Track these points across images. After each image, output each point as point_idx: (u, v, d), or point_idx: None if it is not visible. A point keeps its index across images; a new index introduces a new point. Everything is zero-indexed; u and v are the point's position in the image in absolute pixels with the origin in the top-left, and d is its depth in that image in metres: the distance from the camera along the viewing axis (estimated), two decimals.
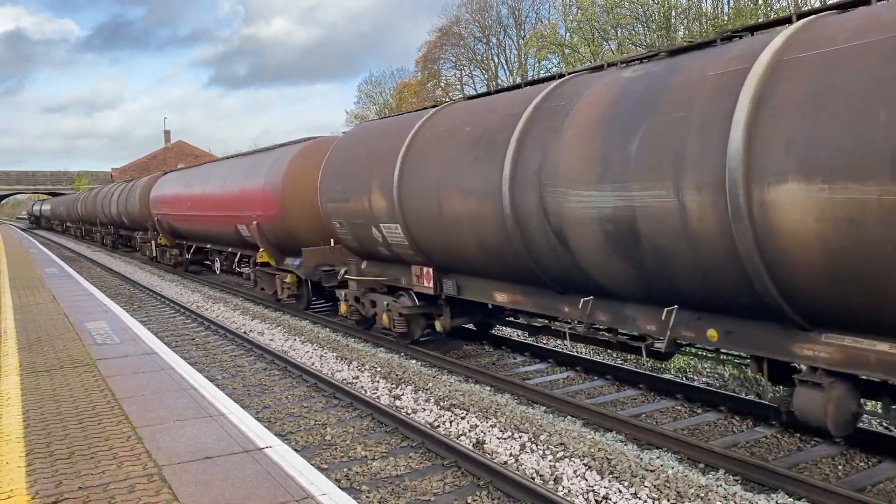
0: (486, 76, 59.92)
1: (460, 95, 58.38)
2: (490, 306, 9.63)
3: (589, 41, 36.82)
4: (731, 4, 34.37)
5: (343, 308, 12.48)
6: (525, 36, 53.38)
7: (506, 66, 58.79)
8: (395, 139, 10.32)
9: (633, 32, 36.67)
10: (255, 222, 15.53)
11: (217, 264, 21.28)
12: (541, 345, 11.27)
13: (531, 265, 7.86)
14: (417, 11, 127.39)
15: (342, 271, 12.44)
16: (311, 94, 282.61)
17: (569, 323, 7.95)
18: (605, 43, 37.07)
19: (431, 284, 10.07)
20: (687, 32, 33.56)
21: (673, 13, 35.08)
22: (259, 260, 15.96)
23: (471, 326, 11.91)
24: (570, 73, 8.42)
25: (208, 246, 21.55)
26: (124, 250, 36.83)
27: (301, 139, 16.28)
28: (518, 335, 12.51)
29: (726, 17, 32.91)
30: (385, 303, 11.09)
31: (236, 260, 18.64)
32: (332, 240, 13.43)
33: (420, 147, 9.72)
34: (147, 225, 27.28)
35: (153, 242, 27.05)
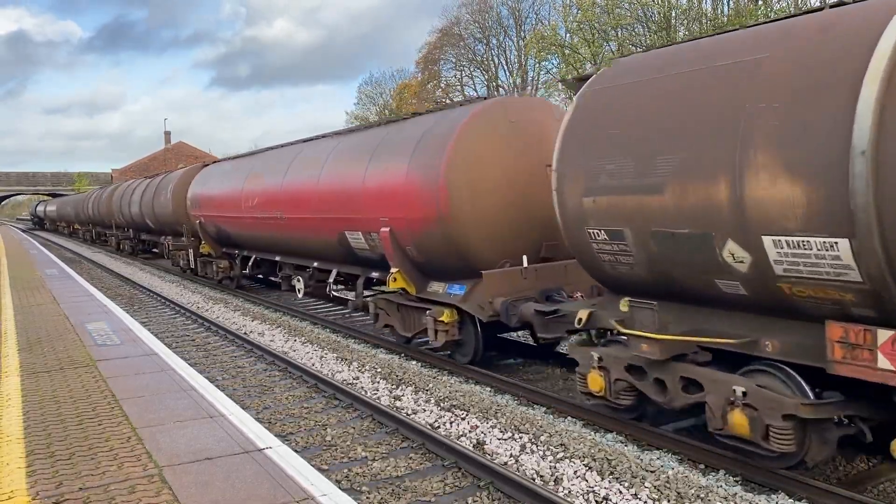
0: (487, 77, 59.97)
1: (460, 96, 58.39)
2: None
3: (589, 42, 36.83)
4: (731, 5, 34.39)
5: (596, 383, 7.29)
6: (525, 37, 53.39)
7: (506, 67, 58.87)
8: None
9: (634, 33, 36.69)
10: (386, 228, 10.40)
11: (300, 284, 15.46)
12: (542, 345, 11.25)
13: None
14: (419, 13, 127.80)
15: (587, 313, 7.47)
16: (311, 95, 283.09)
17: None
18: (605, 44, 37.08)
19: None
20: (687, 33, 33.55)
21: (673, 14, 35.09)
22: (391, 286, 10.48)
23: None
24: None
25: (278, 258, 16.20)
26: (145, 258, 32.21)
27: (469, 99, 11.12)
28: (518, 335, 12.49)
29: (726, 18, 32.92)
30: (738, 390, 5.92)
31: (330, 280, 13.63)
32: (524, 258, 9.38)
33: None
34: (182, 229, 22.04)
35: (190, 251, 21.65)
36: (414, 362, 10.69)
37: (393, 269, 10.36)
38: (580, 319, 7.51)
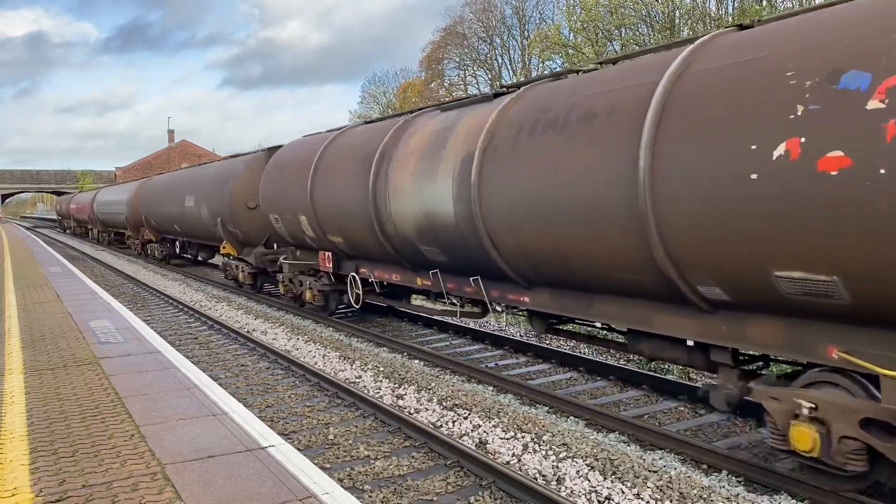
0: (490, 76, 59.94)
1: (463, 95, 58.39)
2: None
3: (593, 42, 36.80)
4: (735, 5, 34.32)
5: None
6: (529, 36, 53.38)
7: (509, 67, 58.83)
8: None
9: (637, 33, 36.65)
10: None
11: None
12: (543, 345, 11.26)
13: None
14: (429, 14, 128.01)
15: None
16: (320, 95, 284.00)
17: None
18: (609, 43, 37.05)
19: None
20: (691, 33, 33.50)
21: (677, 14, 35.05)
22: None
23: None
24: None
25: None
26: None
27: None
28: (521, 335, 12.49)
29: (730, 18, 32.87)
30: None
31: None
32: None
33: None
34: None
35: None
36: (417, 361, 10.70)
37: None
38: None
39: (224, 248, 18.44)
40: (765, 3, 30.42)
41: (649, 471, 6.00)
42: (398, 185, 9.73)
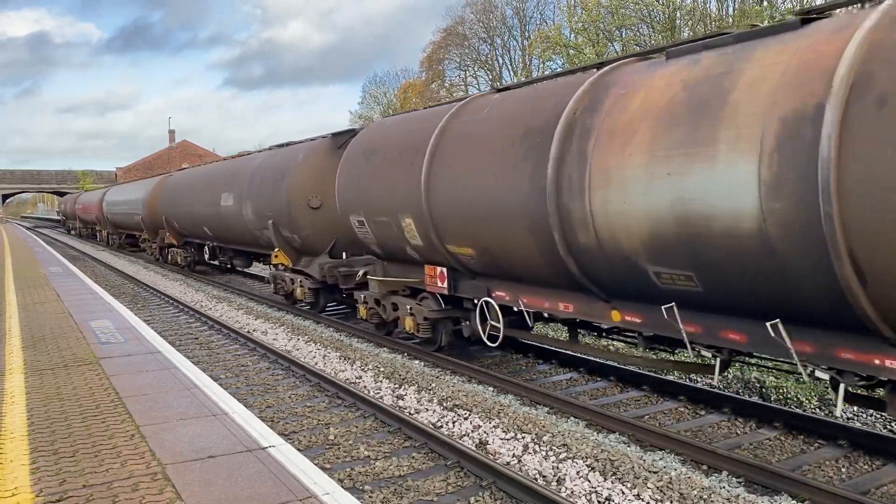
0: (491, 77, 59.94)
1: (464, 95, 58.39)
2: None
3: (594, 42, 36.79)
4: (736, 6, 34.32)
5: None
6: (530, 37, 53.39)
7: (510, 67, 58.83)
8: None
9: (638, 34, 36.66)
10: None
11: None
12: (544, 346, 11.26)
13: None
14: (430, 14, 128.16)
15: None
16: (321, 95, 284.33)
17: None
18: (609, 44, 37.05)
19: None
20: (692, 33, 33.49)
21: (678, 14, 35.06)
22: None
23: None
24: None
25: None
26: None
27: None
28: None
29: (731, 19, 32.87)
30: None
31: None
32: None
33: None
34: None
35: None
36: (417, 362, 10.70)
37: None
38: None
39: (276, 256, 14.98)
40: (765, 3, 30.42)
41: (649, 471, 6.00)
42: (611, 171, 6.52)
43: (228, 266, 22.64)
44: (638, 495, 5.66)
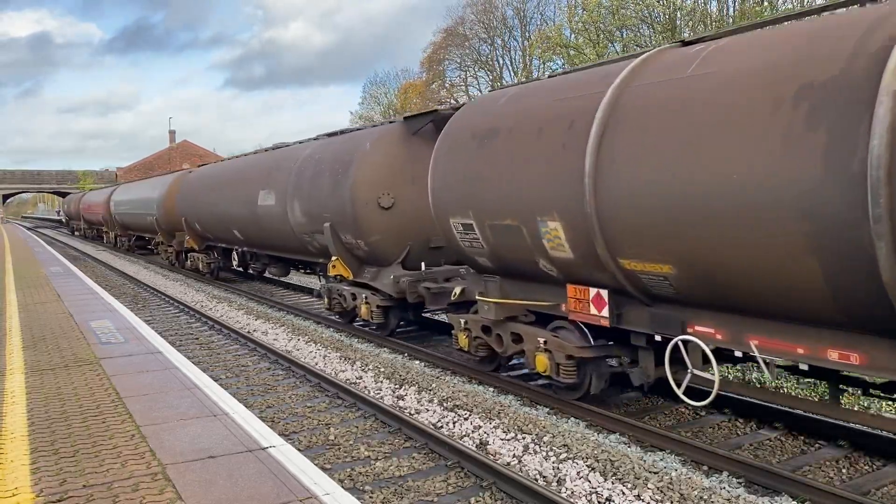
0: (491, 77, 59.96)
1: (465, 97, 58.48)
2: None
3: (594, 43, 36.80)
4: (736, 6, 34.32)
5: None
6: (530, 37, 53.39)
7: (510, 68, 58.85)
8: None
9: (639, 34, 36.66)
10: None
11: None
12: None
13: None
14: (430, 15, 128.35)
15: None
16: (322, 95, 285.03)
17: None
18: (610, 45, 37.05)
19: None
20: (692, 34, 33.48)
21: (678, 15, 35.06)
22: None
23: None
24: None
25: None
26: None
27: None
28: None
29: (731, 19, 32.87)
30: None
31: None
32: None
33: None
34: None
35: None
36: (417, 362, 10.70)
37: None
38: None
39: (333, 266, 12.54)
40: (765, 3, 30.42)
41: (650, 472, 6.00)
42: None
43: (265, 274, 19.68)
44: (638, 496, 5.66)
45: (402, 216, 11.44)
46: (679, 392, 6.68)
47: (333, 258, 12.53)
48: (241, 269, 20.88)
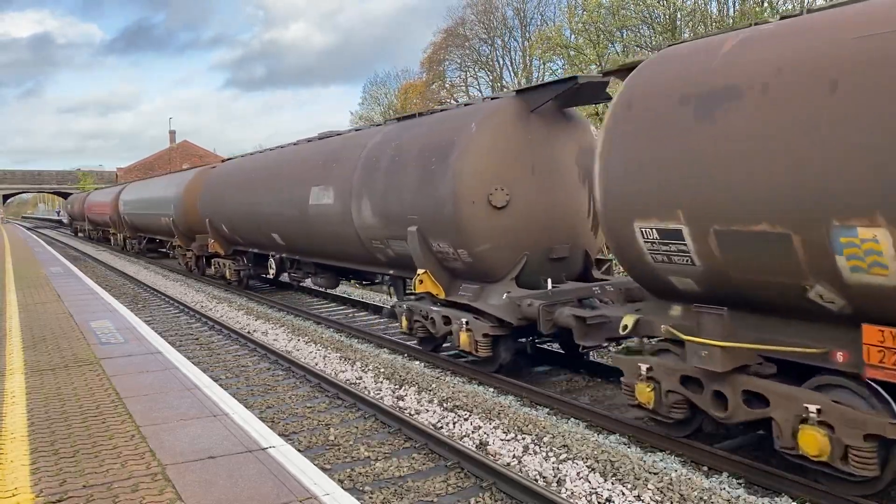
0: (491, 78, 59.98)
1: (464, 97, 58.48)
2: None
3: (594, 43, 36.79)
4: (737, 7, 34.31)
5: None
6: (530, 38, 53.38)
7: (511, 68, 58.87)
8: None
9: (639, 35, 36.66)
10: None
11: None
12: (545, 347, 11.22)
13: None
14: (430, 15, 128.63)
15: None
16: (322, 96, 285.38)
17: None
18: (610, 45, 37.06)
19: None
20: (692, 34, 33.49)
21: (679, 15, 35.06)
22: None
23: None
24: None
25: None
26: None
27: None
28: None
29: (731, 20, 32.87)
30: None
31: None
32: None
33: None
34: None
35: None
36: (417, 362, 10.69)
37: None
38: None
39: (420, 282, 10.01)
40: (765, 4, 30.43)
41: (650, 472, 6.00)
42: None
43: (297, 284, 17.81)
44: (638, 496, 5.66)
45: (518, 218, 9.06)
46: None
47: (420, 271, 9.96)
48: (270, 277, 18.15)
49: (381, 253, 11.35)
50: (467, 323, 9.31)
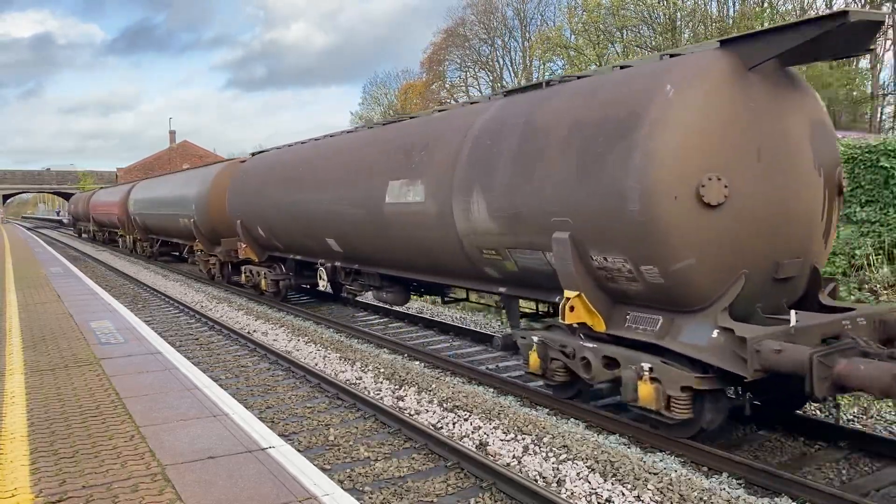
0: (491, 78, 60.02)
1: (465, 97, 58.50)
2: None
3: (594, 43, 36.82)
4: (737, 7, 34.33)
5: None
6: (530, 38, 53.41)
7: (511, 68, 58.90)
8: None
9: (639, 35, 36.69)
10: None
11: None
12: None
13: None
14: (431, 15, 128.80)
15: None
16: (322, 96, 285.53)
17: None
18: (610, 45, 37.08)
19: None
20: (692, 34, 33.53)
21: (678, 16, 35.08)
22: None
23: None
24: None
25: None
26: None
27: None
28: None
29: (731, 21, 32.89)
30: None
31: None
32: None
33: None
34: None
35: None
36: (417, 363, 10.70)
37: None
38: None
39: (570, 308, 7.14)
40: (765, 4, 30.45)
41: (650, 473, 6.00)
42: None
43: (353, 298, 15.39)
44: (638, 497, 5.66)
45: (738, 220, 6.35)
46: None
47: (571, 294, 7.18)
48: (321, 289, 15.86)
49: (494, 266, 8.74)
50: (652, 370, 6.57)
